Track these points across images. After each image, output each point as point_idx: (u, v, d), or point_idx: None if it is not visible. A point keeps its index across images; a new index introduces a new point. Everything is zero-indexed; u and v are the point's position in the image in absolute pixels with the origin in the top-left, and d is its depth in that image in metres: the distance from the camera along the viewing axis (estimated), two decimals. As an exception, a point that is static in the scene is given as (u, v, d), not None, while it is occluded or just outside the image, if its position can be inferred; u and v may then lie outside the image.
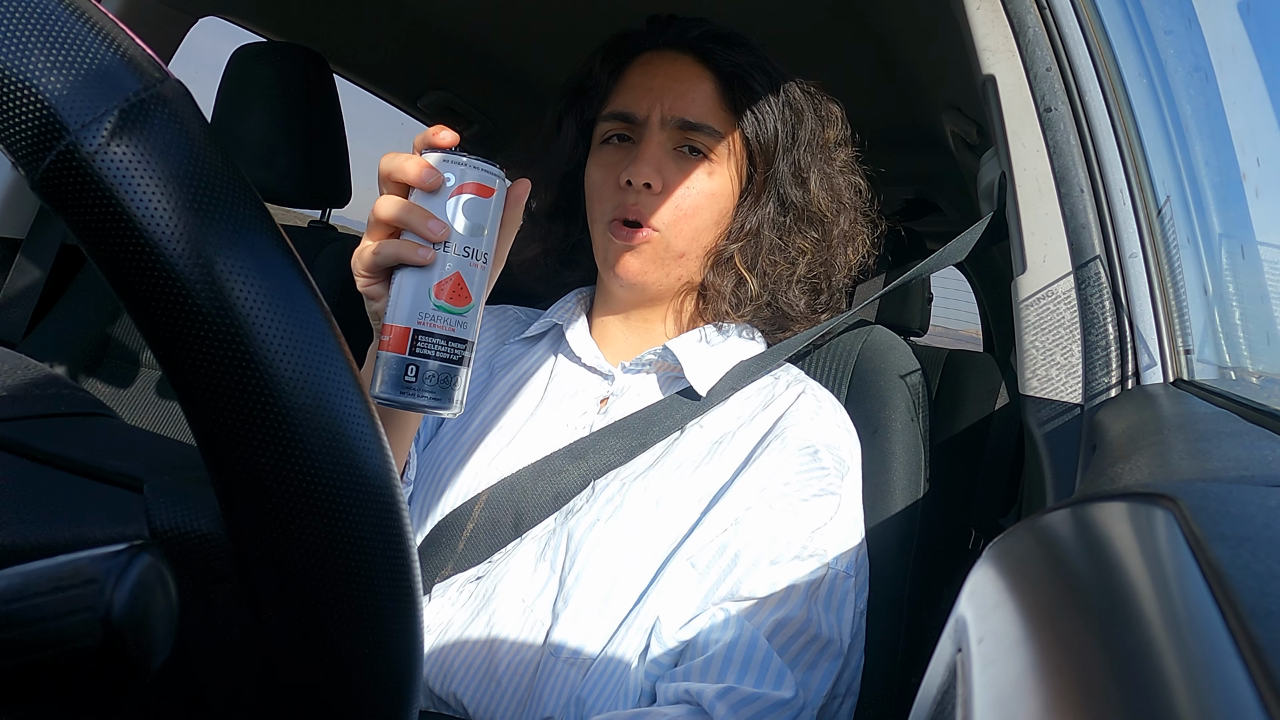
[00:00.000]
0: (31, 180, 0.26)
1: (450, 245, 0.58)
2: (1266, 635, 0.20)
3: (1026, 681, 0.23)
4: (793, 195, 0.84)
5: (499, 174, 0.60)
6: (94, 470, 0.32)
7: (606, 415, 0.83)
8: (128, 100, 0.26)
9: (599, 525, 0.74)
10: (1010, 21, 0.78)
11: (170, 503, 0.31)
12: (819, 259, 0.86)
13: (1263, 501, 0.29)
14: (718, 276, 0.84)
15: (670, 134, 0.82)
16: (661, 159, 0.81)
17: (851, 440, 0.82)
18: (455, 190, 0.58)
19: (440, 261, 0.58)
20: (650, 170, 0.80)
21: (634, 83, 0.84)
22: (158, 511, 0.30)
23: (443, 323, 0.57)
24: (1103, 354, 0.73)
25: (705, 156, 0.82)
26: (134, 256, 0.26)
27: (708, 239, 0.84)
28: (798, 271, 0.85)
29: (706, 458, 0.78)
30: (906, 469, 0.87)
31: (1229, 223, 0.87)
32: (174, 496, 0.31)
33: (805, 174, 0.84)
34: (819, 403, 0.82)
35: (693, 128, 0.81)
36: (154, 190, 0.26)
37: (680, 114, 0.81)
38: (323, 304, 0.29)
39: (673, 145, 0.82)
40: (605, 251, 0.84)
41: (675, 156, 0.82)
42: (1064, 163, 0.75)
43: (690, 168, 0.82)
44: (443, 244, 0.58)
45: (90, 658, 0.23)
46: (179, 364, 0.26)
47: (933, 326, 1.83)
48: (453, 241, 0.58)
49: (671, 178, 0.81)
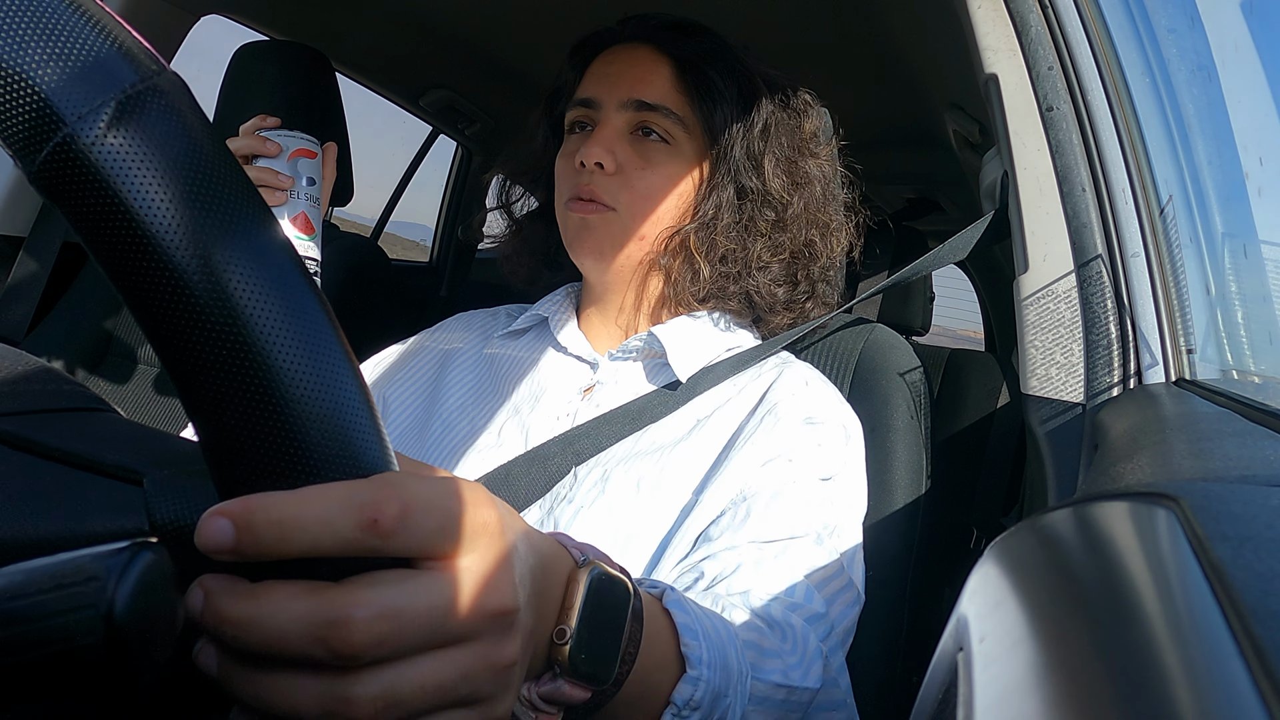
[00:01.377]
0: (29, 173, 0.26)
1: (295, 193, 0.82)
2: (1268, 635, 0.20)
3: (1028, 680, 0.23)
4: (749, 182, 0.84)
5: (316, 142, 0.85)
6: (93, 464, 0.31)
7: (593, 403, 0.83)
8: (124, 92, 0.26)
9: (584, 512, 0.74)
10: (1013, 20, 0.78)
11: (170, 496, 0.31)
12: (779, 241, 0.86)
13: (1265, 501, 0.29)
14: (678, 261, 0.85)
15: (627, 116, 0.83)
16: (615, 140, 0.83)
17: (846, 410, 0.83)
18: (291, 154, 0.82)
19: (290, 204, 0.82)
20: (601, 150, 0.81)
21: (595, 71, 0.87)
22: (158, 505, 0.30)
23: (302, 247, 0.80)
24: (1105, 353, 0.73)
25: (663, 140, 0.83)
26: (132, 248, 0.26)
27: (668, 223, 0.84)
28: (755, 254, 0.85)
29: (685, 436, 0.78)
30: (908, 468, 0.87)
31: (1231, 222, 0.87)
32: (174, 490, 0.31)
33: (760, 158, 0.84)
34: (806, 377, 0.83)
35: (649, 108, 0.82)
36: (152, 181, 0.26)
37: (637, 95, 0.83)
38: (321, 295, 0.29)
39: (630, 128, 0.84)
40: (566, 231, 0.86)
41: (633, 140, 0.84)
42: (1066, 162, 0.75)
43: (647, 150, 0.83)
44: (289, 191, 0.82)
45: (92, 655, 0.23)
46: (177, 356, 0.26)
47: (933, 326, 1.83)
48: (297, 189, 0.82)
49: (626, 159, 0.83)
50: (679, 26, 0.86)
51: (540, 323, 0.94)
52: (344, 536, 0.28)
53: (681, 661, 0.49)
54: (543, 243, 0.96)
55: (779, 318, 0.89)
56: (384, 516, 0.28)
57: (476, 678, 0.31)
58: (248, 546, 0.27)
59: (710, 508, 0.73)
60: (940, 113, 1.44)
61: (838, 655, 0.68)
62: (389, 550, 0.29)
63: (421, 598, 0.29)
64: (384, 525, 0.28)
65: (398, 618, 0.28)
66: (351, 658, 0.28)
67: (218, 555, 0.27)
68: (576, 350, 0.89)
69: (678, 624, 0.50)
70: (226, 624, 0.28)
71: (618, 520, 0.74)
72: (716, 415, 0.80)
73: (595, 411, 0.82)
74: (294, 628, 0.27)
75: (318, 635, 0.27)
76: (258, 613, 0.27)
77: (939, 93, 1.42)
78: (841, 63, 1.45)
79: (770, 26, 1.35)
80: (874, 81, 1.49)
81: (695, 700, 0.49)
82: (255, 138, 0.82)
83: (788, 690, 0.60)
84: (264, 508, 0.27)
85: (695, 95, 0.83)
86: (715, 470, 0.75)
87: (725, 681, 0.52)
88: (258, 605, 0.28)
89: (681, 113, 0.83)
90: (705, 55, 0.84)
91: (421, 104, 1.88)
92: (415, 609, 0.29)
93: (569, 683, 0.39)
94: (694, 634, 0.50)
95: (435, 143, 2.25)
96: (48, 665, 0.23)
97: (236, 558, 0.27)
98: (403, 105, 1.90)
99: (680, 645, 0.49)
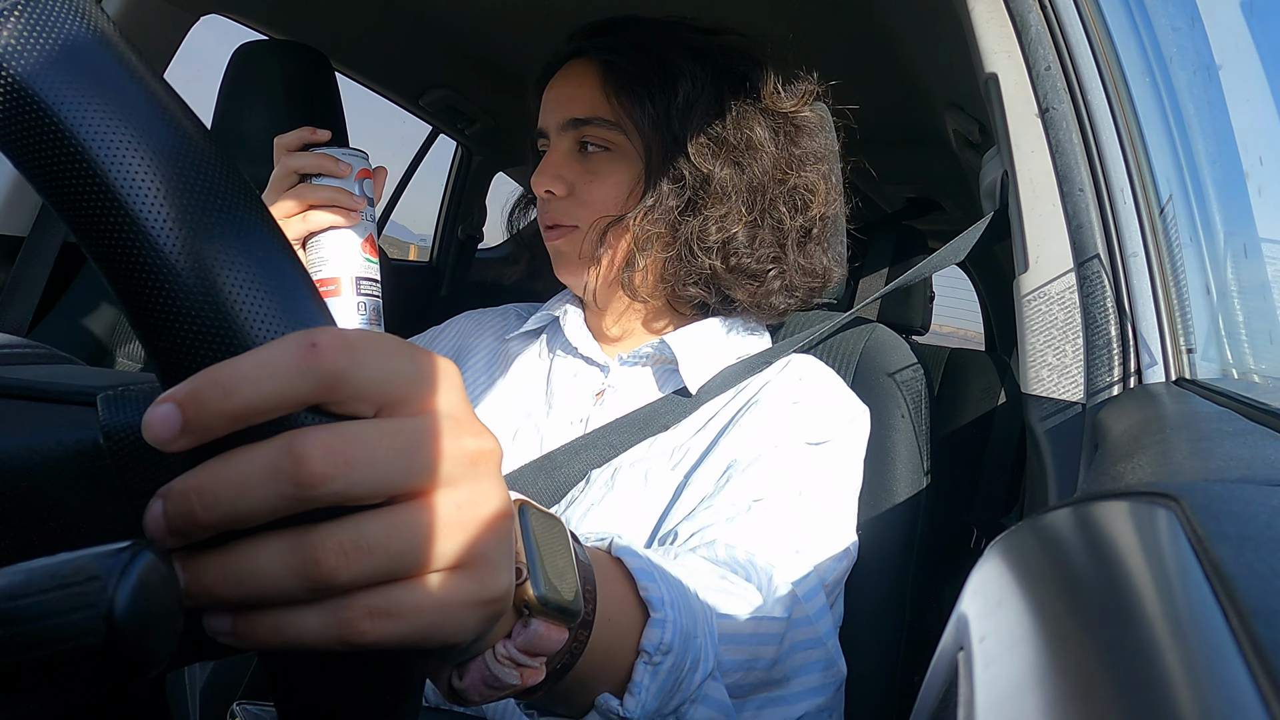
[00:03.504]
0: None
1: (365, 214, 0.78)
2: (1269, 635, 0.20)
3: (1028, 680, 0.23)
4: (683, 167, 0.82)
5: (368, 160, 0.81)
6: (49, 394, 0.31)
7: (603, 407, 0.84)
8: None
9: (594, 510, 0.75)
10: (1012, 20, 0.78)
11: (120, 407, 0.30)
12: (730, 214, 0.82)
13: (1265, 501, 0.29)
14: (644, 256, 0.84)
15: (569, 136, 0.84)
16: (562, 164, 0.84)
17: (846, 393, 0.83)
18: (358, 175, 0.77)
19: (361, 226, 0.77)
20: (548, 178, 0.83)
21: (545, 100, 0.87)
22: (109, 417, 0.30)
23: (369, 271, 0.77)
24: (1104, 353, 0.73)
25: (605, 148, 0.83)
26: (45, 135, 0.26)
27: (630, 223, 0.83)
28: (711, 234, 0.82)
29: (693, 436, 0.79)
30: (908, 468, 0.87)
31: (1231, 221, 0.87)
32: (124, 401, 0.31)
33: (683, 142, 0.81)
34: (805, 369, 0.83)
35: (583, 123, 0.83)
36: (62, 77, 0.26)
37: (570, 114, 0.83)
38: (227, 161, 0.29)
39: (574, 146, 0.84)
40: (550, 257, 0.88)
41: (579, 157, 0.84)
42: (1066, 161, 0.75)
43: (592, 164, 0.84)
44: (361, 213, 0.77)
45: (92, 655, 0.23)
46: (102, 250, 0.26)
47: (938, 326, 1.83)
48: (366, 211, 0.78)
49: (575, 177, 0.83)
50: (604, 27, 0.86)
51: (551, 322, 0.94)
52: (289, 374, 0.26)
53: (643, 608, 0.48)
54: (544, 259, 0.97)
55: (776, 299, 0.86)
56: (325, 343, 0.26)
57: (461, 528, 0.29)
58: (193, 416, 0.25)
59: (700, 486, 0.74)
60: (940, 113, 1.44)
61: (816, 598, 0.67)
62: (341, 390, 0.27)
63: (387, 428, 0.27)
64: (328, 353, 0.26)
65: (361, 440, 0.27)
66: (315, 482, 0.26)
67: (168, 441, 0.26)
68: (587, 352, 0.89)
69: (631, 569, 0.49)
70: (190, 493, 0.26)
71: (625, 513, 0.74)
72: (722, 413, 0.81)
73: (607, 416, 0.82)
74: (253, 468, 0.26)
75: (277, 466, 0.26)
76: (216, 469, 0.26)
77: (939, 93, 1.42)
78: (841, 62, 1.45)
79: (770, 26, 1.35)
80: (874, 81, 1.49)
81: (666, 643, 0.48)
82: (326, 156, 0.76)
83: (754, 623, 0.59)
84: (204, 374, 0.26)
85: (620, 94, 0.82)
86: (708, 453, 0.76)
87: (692, 621, 0.51)
88: (215, 465, 0.26)
89: (613, 117, 0.82)
90: (623, 50, 0.83)
91: (421, 104, 1.88)
92: (380, 436, 0.27)
93: (543, 622, 0.37)
94: (650, 576, 0.49)
95: (435, 143, 2.25)
96: (48, 665, 0.23)
97: (187, 438, 0.26)
98: (403, 105, 1.90)
99: (639, 590, 0.48)
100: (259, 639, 0.27)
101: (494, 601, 0.31)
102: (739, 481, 0.71)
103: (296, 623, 0.27)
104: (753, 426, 0.76)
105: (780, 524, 0.68)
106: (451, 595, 0.29)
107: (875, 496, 0.85)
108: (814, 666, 0.65)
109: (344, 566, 0.26)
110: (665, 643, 0.48)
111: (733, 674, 0.58)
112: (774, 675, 0.62)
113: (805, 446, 0.75)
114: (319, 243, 0.76)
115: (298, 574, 0.26)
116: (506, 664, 0.36)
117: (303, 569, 0.26)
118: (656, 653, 0.47)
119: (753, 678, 0.60)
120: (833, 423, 0.78)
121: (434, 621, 0.29)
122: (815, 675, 0.65)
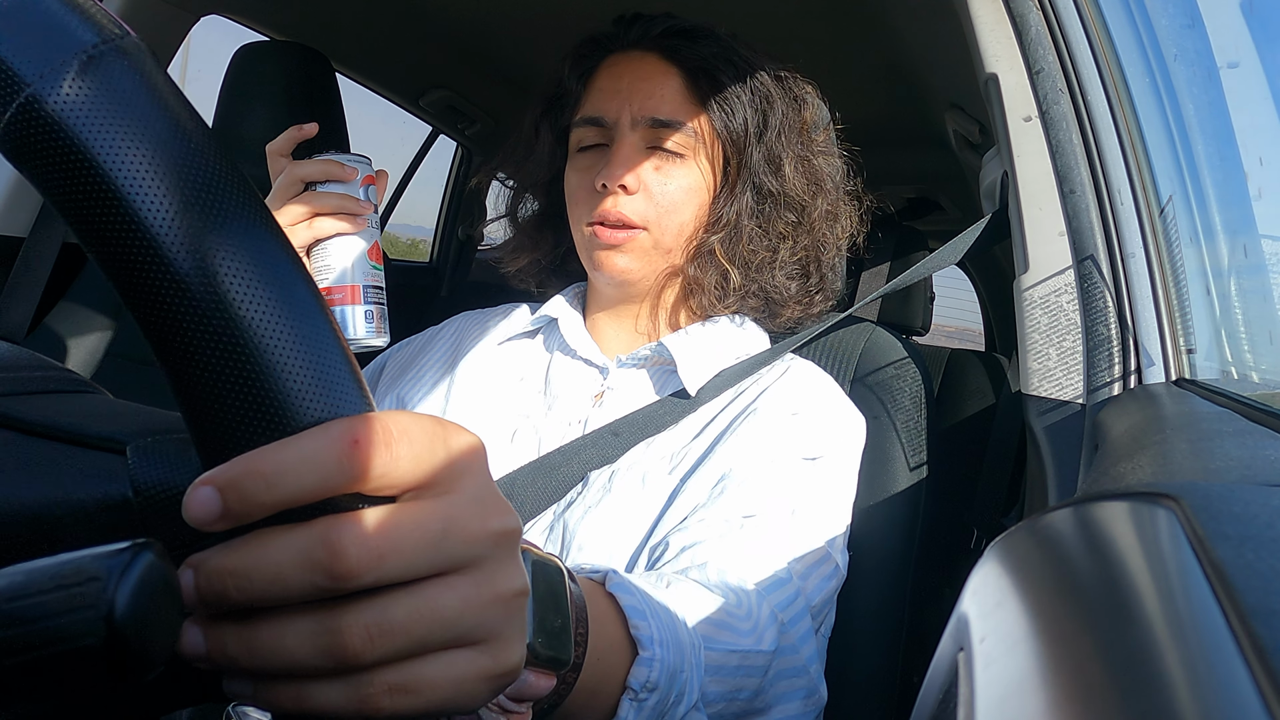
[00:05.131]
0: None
1: (370, 220, 0.76)
2: (1269, 635, 0.20)
3: (1028, 680, 0.23)
4: (768, 183, 0.84)
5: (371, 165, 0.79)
6: (78, 437, 0.31)
7: (602, 409, 0.84)
8: (86, 52, 0.26)
9: (591, 512, 0.75)
10: (1013, 20, 0.78)
11: (152, 462, 0.31)
12: (800, 243, 0.86)
13: (1265, 501, 0.29)
14: (701, 269, 0.84)
15: (642, 133, 0.82)
16: (634, 159, 0.82)
17: (843, 401, 0.83)
18: (363, 180, 0.76)
19: (366, 233, 0.76)
20: (624, 171, 0.81)
21: (602, 86, 0.85)
22: (140, 471, 0.30)
23: (375, 277, 0.76)
24: (1104, 353, 0.73)
25: (678, 152, 0.83)
26: (101, 205, 0.25)
27: (690, 232, 0.84)
28: (780, 257, 0.85)
29: (692, 439, 0.79)
30: (908, 468, 0.87)
31: (1231, 222, 0.87)
32: (156, 456, 0.31)
33: (779, 161, 0.84)
34: (805, 376, 0.83)
35: (663, 125, 0.82)
36: (118, 136, 0.26)
37: (650, 113, 0.82)
38: (291, 247, 0.29)
39: (645, 144, 0.83)
40: (590, 253, 0.85)
41: (649, 155, 0.83)
42: (1066, 162, 0.75)
43: (665, 164, 0.83)
44: (367, 219, 0.76)
45: (92, 656, 0.23)
46: (150, 313, 0.26)
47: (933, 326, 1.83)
48: (369, 217, 0.76)
49: (647, 176, 0.82)
50: (684, 32, 0.85)
51: (550, 324, 0.94)
52: (329, 469, 0.26)
53: (633, 645, 0.49)
54: (552, 250, 0.96)
55: (789, 310, 0.89)
56: (364, 438, 0.27)
57: (481, 609, 0.29)
58: (234, 504, 0.26)
59: (695, 493, 0.74)
60: (940, 112, 1.44)
61: (802, 624, 0.67)
62: (377, 480, 0.28)
63: (418, 516, 0.28)
64: (366, 448, 0.27)
65: (394, 531, 0.27)
66: (349, 577, 0.26)
67: (207, 524, 0.26)
68: (586, 354, 0.88)
69: (624, 606, 0.50)
70: (224, 575, 0.26)
71: (622, 516, 0.74)
72: (720, 417, 0.80)
73: (605, 417, 0.82)
74: (288, 557, 0.26)
75: (313, 559, 0.26)
76: (251, 553, 0.27)
77: (939, 93, 1.42)
78: (841, 63, 1.45)
79: (770, 26, 1.35)
80: (874, 81, 1.49)
81: (651, 681, 0.49)
82: (333, 163, 0.75)
83: (740, 655, 0.60)
84: (246, 462, 0.26)
85: (708, 105, 0.82)
86: (704, 459, 0.76)
87: (679, 658, 0.52)
88: (250, 548, 0.27)
89: (696, 124, 0.82)
90: (714, 60, 0.82)
91: (421, 104, 1.88)
92: (412, 525, 0.28)
93: (532, 671, 0.38)
94: (641, 614, 0.50)
95: (435, 143, 2.25)
96: (48, 665, 0.23)
97: (226, 522, 0.26)
98: (403, 105, 1.90)
99: (630, 629, 0.49)
100: (280, 706, 0.28)
101: (507, 675, 0.32)
102: (733, 494, 0.71)
103: (318, 695, 0.28)
104: (750, 436, 0.76)
105: (772, 543, 0.68)
106: (468, 671, 0.30)
107: (875, 497, 0.85)
108: (795, 695, 0.66)
109: (369, 649, 0.27)
110: (651, 681, 0.49)
111: (715, 704, 0.59)
112: (756, 705, 0.63)
113: (801, 461, 0.75)
114: (325, 250, 0.75)
115: (324, 653, 0.27)
116: (494, 710, 0.37)
117: (329, 649, 0.27)
118: (642, 690, 0.49)
119: (735, 708, 0.61)
120: (830, 437, 0.78)
121: (449, 696, 0.29)
122: (796, 704, 0.66)
